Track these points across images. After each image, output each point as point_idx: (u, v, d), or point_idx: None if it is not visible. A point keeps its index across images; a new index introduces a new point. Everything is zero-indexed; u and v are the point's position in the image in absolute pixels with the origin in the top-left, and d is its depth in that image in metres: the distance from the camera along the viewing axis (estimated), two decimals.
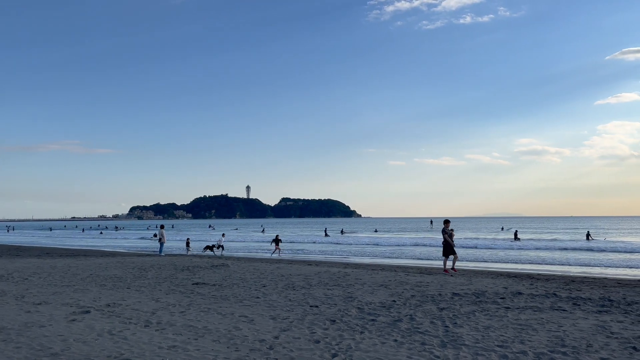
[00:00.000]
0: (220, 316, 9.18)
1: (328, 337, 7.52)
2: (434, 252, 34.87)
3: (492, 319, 8.87)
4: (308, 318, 8.94)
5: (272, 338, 7.43)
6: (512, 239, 47.89)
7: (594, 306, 10.17)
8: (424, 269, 20.19)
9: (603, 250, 33.58)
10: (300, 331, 7.89)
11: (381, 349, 6.81)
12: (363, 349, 6.83)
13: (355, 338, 7.44)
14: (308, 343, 7.14)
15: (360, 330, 7.98)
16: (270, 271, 17.48)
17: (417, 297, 11.38)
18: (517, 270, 20.97)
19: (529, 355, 6.48)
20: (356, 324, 8.40)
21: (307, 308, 9.98)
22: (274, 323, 8.52)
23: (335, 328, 8.13)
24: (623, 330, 7.88)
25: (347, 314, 9.30)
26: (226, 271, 17.60)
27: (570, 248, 35.97)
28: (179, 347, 6.92)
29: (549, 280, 15.42)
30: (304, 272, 17.24)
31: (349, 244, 45.63)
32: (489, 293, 11.97)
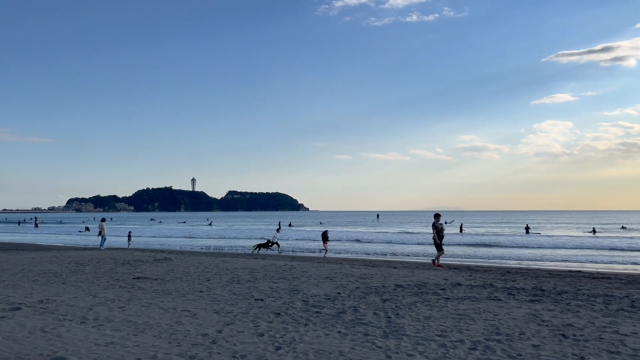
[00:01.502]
0: (161, 311, 8.95)
1: (272, 330, 7.50)
2: (376, 246, 35.57)
3: (432, 309, 9.13)
4: (252, 311, 8.88)
5: (215, 332, 7.32)
6: (457, 232, 49.66)
7: (527, 296, 10.69)
8: (368, 261, 20.52)
9: (540, 243, 35.36)
10: (244, 325, 7.83)
11: (325, 341, 6.86)
12: (307, 341, 6.86)
13: (300, 330, 7.46)
14: (252, 336, 7.09)
15: (305, 322, 8.00)
16: (215, 265, 17.23)
17: (362, 289, 11.55)
18: (458, 262, 21.72)
19: (466, 343, 6.72)
20: (301, 317, 8.43)
21: (251, 301, 9.91)
22: (217, 317, 8.40)
23: (280, 321, 8.11)
24: (553, 319, 8.32)
25: (292, 307, 9.31)
26: (169, 265, 17.19)
27: (510, 242, 37.63)
28: (117, 344, 6.69)
29: (486, 271, 16.06)
30: (250, 265, 17.11)
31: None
32: (431, 284, 12.33)
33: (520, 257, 25.51)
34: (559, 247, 31.82)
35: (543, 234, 47.58)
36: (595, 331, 7.41)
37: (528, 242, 35.92)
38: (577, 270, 17.34)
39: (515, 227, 65.94)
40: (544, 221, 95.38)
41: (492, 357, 6.11)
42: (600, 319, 8.29)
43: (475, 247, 32.50)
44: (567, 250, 29.86)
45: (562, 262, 22.94)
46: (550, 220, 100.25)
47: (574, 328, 7.61)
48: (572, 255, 26.10)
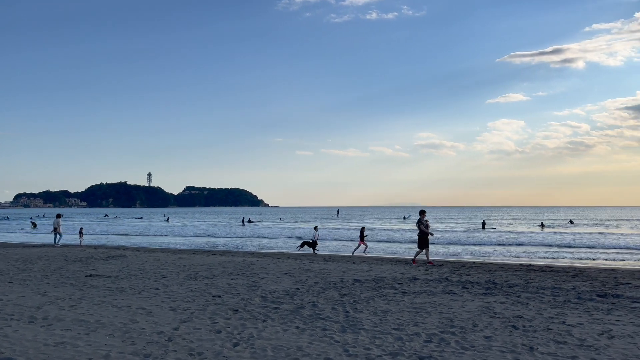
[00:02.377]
0: (115, 309, 8.71)
1: (230, 326, 7.43)
2: (338, 243, 35.76)
3: (390, 303, 9.28)
4: (210, 308, 8.77)
5: (171, 330, 7.19)
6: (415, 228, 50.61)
7: (480, 289, 11.01)
8: (328, 257, 20.63)
9: (494, 238, 36.48)
10: (201, 322, 7.72)
11: (283, 336, 6.85)
12: (265, 337, 6.84)
13: (258, 326, 7.43)
14: (209, 333, 7.01)
15: (263, 318, 7.97)
16: (172, 262, 16.91)
17: (320, 284, 11.60)
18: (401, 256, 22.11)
19: (422, 336, 6.86)
20: (259, 313, 8.39)
21: (209, 298, 9.78)
22: (173, 314, 8.26)
23: (238, 317, 8.05)
24: (504, 310, 8.61)
25: (250, 303, 9.25)
26: (123, 262, 16.74)
27: (466, 237, 38.63)
28: (68, 344, 6.47)
29: (442, 266, 16.44)
30: (208, 262, 16.88)
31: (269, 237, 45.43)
32: (388, 279, 12.51)
33: (475, 251, 26.25)
34: (512, 242, 32.92)
35: (498, 229, 49.15)
36: (543, 322, 7.71)
37: (484, 237, 37.01)
38: (527, 264, 17.98)
39: (471, 223, 67.76)
40: (498, 217, 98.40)
41: (446, 349, 6.26)
42: (549, 311, 8.64)
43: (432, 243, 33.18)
44: (519, 244, 30.93)
45: (514, 256, 23.75)
46: (503, 216, 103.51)
47: (524, 319, 7.90)
48: (523, 250, 27.07)
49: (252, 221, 71.61)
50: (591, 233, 42.20)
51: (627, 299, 9.81)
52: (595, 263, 20.03)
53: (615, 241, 32.65)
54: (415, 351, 6.16)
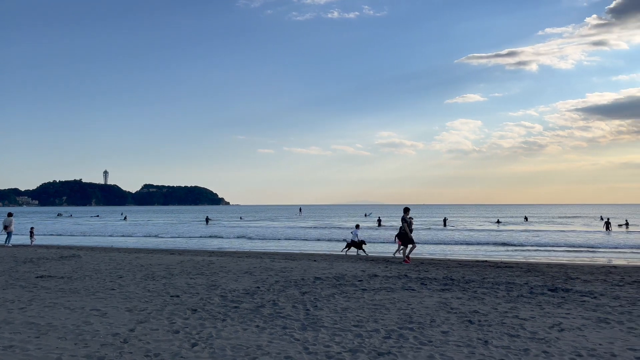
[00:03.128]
0: (68, 311, 8.41)
1: (188, 326, 7.30)
2: (299, 241, 35.77)
3: (350, 300, 9.34)
4: (168, 308, 8.60)
5: (127, 331, 7.01)
6: (376, 226, 51.56)
7: (438, 285, 11.23)
8: (289, 255, 20.59)
9: (453, 235, 37.29)
10: (158, 322, 7.55)
11: (243, 335, 6.79)
12: (224, 336, 6.76)
13: (217, 326, 7.33)
14: (167, 334, 6.87)
15: (223, 318, 7.88)
16: (129, 261, 16.49)
17: (281, 282, 11.57)
18: (376, 254, 22.36)
19: (381, 332, 6.94)
20: (218, 312, 8.28)
21: (167, 298, 9.59)
22: (130, 315, 8.04)
23: (197, 317, 7.92)
24: (461, 306, 8.81)
25: (209, 303, 9.12)
26: (77, 262, 16.20)
27: (427, 234, 39.35)
28: (17, 347, 6.21)
29: (402, 262, 16.68)
30: (166, 261, 16.55)
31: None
32: (349, 276, 12.60)
33: (435, 248, 26.78)
34: (470, 238, 33.77)
35: (457, 227, 50.37)
36: (498, 316, 7.94)
37: (444, 235, 37.80)
38: (483, 260, 18.49)
39: (431, 220, 69.09)
40: (456, 214, 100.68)
41: (404, 344, 6.35)
42: (503, 305, 8.90)
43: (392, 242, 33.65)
44: (477, 242, 31.75)
45: (472, 253, 24.36)
46: (462, 214, 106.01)
47: (480, 314, 8.11)
48: (480, 247, 27.81)
49: (210, 219, 70.59)
50: (544, 230, 43.79)
51: (576, 293, 10.22)
52: (547, 258, 20.78)
53: (566, 238, 33.99)
54: (374, 347, 6.22)
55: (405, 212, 17.03)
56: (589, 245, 28.25)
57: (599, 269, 15.30)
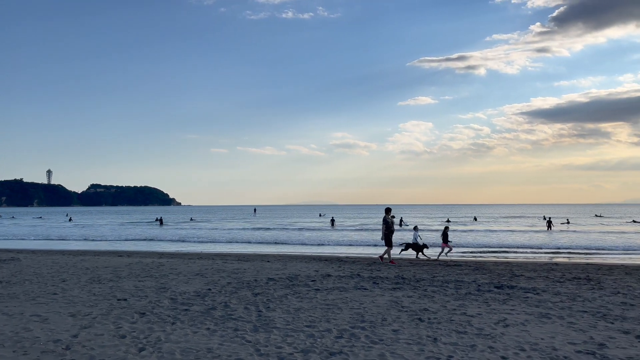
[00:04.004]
0: (5, 317, 7.98)
1: (136, 330, 7.08)
2: (255, 237, 35.51)
3: (302, 301, 9.33)
4: (114, 312, 8.31)
5: (70, 337, 6.71)
6: (330, 225, 52.25)
7: (389, 284, 11.40)
8: (242, 255, 20.37)
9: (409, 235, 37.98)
10: (104, 327, 7.28)
11: (193, 339, 6.65)
12: (173, 340, 6.59)
13: (166, 329, 7.14)
14: (112, 339, 6.63)
15: (172, 321, 7.69)
16: (73, 264, 15.84)
17: (233, 284, 11.42)
18: (330, 253, 22.47)
19: (333, 332, 6.97)
20: (168, 315, 8.07)
21: (113, 302, 9.26)
22: (73, 320, 7.71)
23: (145, 321, 7.69)
24: (412, 304, 8.97)
25: (158, 306, 8.88)
26: (16, 266, 15.41)
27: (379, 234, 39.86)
28: None
29: (355, 262, 16.83)
30: (113, 263, 16.01)
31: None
32: (302, 276, 12.59)
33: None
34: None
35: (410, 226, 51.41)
36: (447, 314, 8.14)
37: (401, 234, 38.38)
38: (434, 259, 18.90)
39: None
40: (408, 214, 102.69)
41: (356, 343, 6.40)
42: (452, 303, 9.13)
43: (348, 244, 33.92)
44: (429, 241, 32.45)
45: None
46: (414, 213, 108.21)
47: (429, 312, 8.28)
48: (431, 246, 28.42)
49: (158, 220, 68.83)
50: (493, 230, 45.33)
51: (521, 290, 10.62)
52: (493, 257, 21.49)
53: (512, 237, 35.32)
54: (326, 347, 6.23)
55: (386, 213, 16.66)
56: (532, 243, 29.44)
57: (542, 266, 15.97)
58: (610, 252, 24.42)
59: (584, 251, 24.57)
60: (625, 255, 22.81)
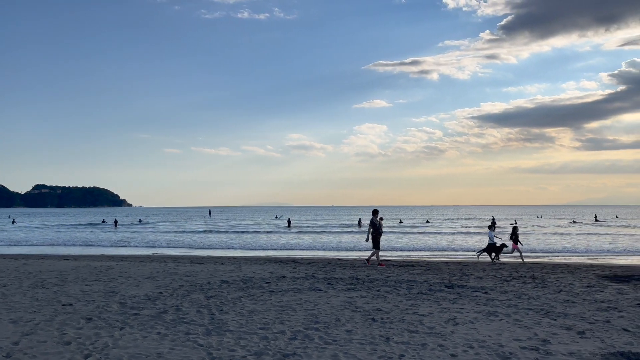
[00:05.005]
0: None
1: (82, 336, 6.82)
2: (210, 239, 34.96)
3: (257, 303, 9.25)
4: (59, 318, 7.97)
5: (10, 344, 6.39)
6: (286, 226, 52.44)
7: (344, 285, 11.48)
8: (195, 258, 20.01)
9: (361, 235, 38.31)
10: (47, 333, 6.97)
11: (142, 343, 6.46)
12: (122, 345, 6.39)
13: (114, 335, 6.92)
14: (56, 346, 6.36)
15: (121, 326, 7.45)
16: (15, 268, 15.10)
17: (186, 287, 11.19)
18: (285, 255, 22.42)
19: (287, 334, 6.94)
20: (116, 320, 7.82)
21: (58, 307, 8.89)
22: (14, 327, 7.35)
23: (92, 326, 7.42)
24: (365, 304, 9.06)
25: (106, 310, 8.59)
26: None
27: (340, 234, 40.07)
28: None
29: (310, 263, 16.85)
30: (59, 267, 15.37)
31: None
32: (256, 279, 12.49)
33: (340, 248, 27.38)
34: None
35: (365, 226, 52.03)
36: (399, 313, 8.27)
37: (356, 235, 38.76)
38: (387, 259, 19.17)
39: (345, 220, 70.72)
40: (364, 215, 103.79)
41: (309, 345, 6.40)
42: (404, 302, 9.29)
43: (303, 246, 33.94)
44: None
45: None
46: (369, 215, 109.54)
47: (382, 312, 8.39)
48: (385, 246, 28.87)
49: (105, 222, 66.68)
50: (443, 232, 46.45)
51: (470, 289, 10.93)
52: (444, 257, 22.03)
53: (463, 237, 36.33)
54: (280, 349, 6.20)
55: (374, 215, 16.40)
56: (481, 245, 30.39)
57: (490, 265, 16.51)
58: (551, 253, 25.51)
59: (527, 252, 25.57)
60: (567, 254, 23.91)
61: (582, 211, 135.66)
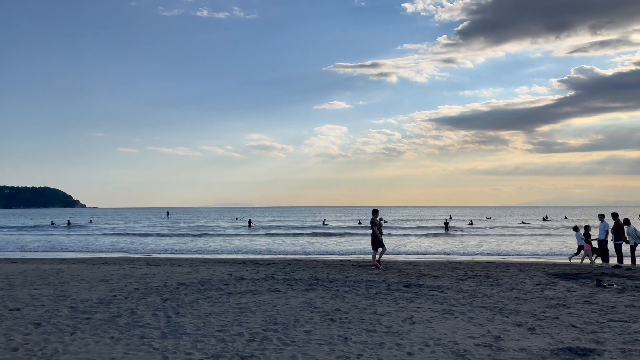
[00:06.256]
0: None
1: (30, 342, 6.54)
2: (164, 243, 34.33)
3: (214, 305, 9.13)
4: (5, 324, 7.62)
5: None
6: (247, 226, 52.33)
7: (303, 285, 11.47)
8: (151, 260, 19.57)
9: (331, 235, 38.43)
10: None
11: (94, 349, 6.26)
12: (72, 351, 6.17)
13: (65, 340, 6.67)
14: (3, 352, 6.07)
15: (72, 330, 7.19)
16: None
17: (141, 289, 10.92)
18: (244, 257, 22.22)
19: (245, 336, 6.88)
20: (67, 325, 7.55)
21: (4, 312, 8.49)
22: None
23: (41, 332, 7.13)
24: (324, 305, 9.09)
25: (56, 315, 8.27)
26: None
27: (304, 234, 39.98)
28: None
29: (269, 264, 16.77)
30: (6, 271, 14.70)
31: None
32: (214, 280, 12.32)
33: (304, 249, 27.36)
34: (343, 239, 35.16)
35: (329, 226, 52.48)
36: (357, 313, 8.33)
37: (323, 234, 38.80)
38: (347, 260, 19.32)
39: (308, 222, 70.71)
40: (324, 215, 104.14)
41: (268, 346, 6.36)
42: (363, 302, 9.37)
43: (264, 248, 33.73)
44: (343, 241, 33.16)
45: (338, 252, 25.32)
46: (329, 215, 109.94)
47: (341, 312, 8.44)
48: (345, 247, 29.05)
49: (54, 224, 64.28)
50: (401, 235, 47.18)
51: (427, 288, 11.14)
52: (403, 257, 22.38)
53: (420, 238, 37.00)
54: (237, 351, 6.13)
55: (374, 215, 16.13)
56: (436, 243, 31.05)
57: (447, 265, 16.88)
58: (504, 253, 26.34)
59: (480, 252, 26.29)
60: (518, 253, 24.75)
61: (534, 212, 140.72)
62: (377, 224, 16.06)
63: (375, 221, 16.06)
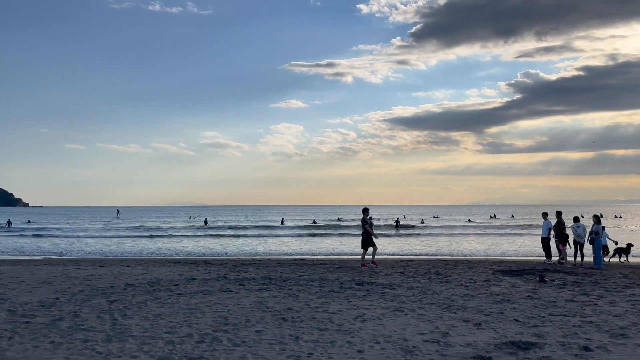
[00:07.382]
0: None
1: None
2: (115, 244, 33.32)
3: (163, 306, 8.90)
4: None
5: None
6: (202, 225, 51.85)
7: (256, 285, 11.37)
8: (98, 261, 18.91)
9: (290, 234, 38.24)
10: None
11: (33, 354, 5.97)
12: (10, 356, 5.86)
13: (1, 345, 6.33)
14: None
15: (9, 335, 6.83)
16: None
17: (86, 291, 10.52)
18: (196, 256, 21.82)
19: (194, 337, 6.74)
20: (4, 329, 7.16)
21: None
22: None
23: None
24: (276, 304, 9.04)
25: None
26: None
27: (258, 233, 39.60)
28: None
29: (222, 264, 16.52)
30: None
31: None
32: (164, 281, 12.03)
33: (257, 249, 27.15)
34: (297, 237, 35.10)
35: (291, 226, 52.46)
36: (310, 312, 8.33)
37: (284, 234, 38.53)
38: (301, 259, 19.31)
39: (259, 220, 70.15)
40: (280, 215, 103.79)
41: (217, 347, 6.25)
42: (315, 301, 9.38)
43: (218, 249, 33.24)
44: (297, 241, 33.14)
45: (292, 252, 25.27)
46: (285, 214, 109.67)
47: (293, 311, 8.41)
48: (300, 247, 29.04)
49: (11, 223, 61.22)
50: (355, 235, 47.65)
51: (379, 286, 11.28)
52: (356, 256, 22.59)
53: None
54: (186, 353, 6.00)
55: (364, 213, 15.81)
56: (390, 241, 31.56)
57: (398, 262, 17.16)
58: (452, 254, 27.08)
59: (432, 250, 26.93)
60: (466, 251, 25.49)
61: (484, 210, 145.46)
62: (369, 223, 15.85)
63: (367, 220, 15.82)
